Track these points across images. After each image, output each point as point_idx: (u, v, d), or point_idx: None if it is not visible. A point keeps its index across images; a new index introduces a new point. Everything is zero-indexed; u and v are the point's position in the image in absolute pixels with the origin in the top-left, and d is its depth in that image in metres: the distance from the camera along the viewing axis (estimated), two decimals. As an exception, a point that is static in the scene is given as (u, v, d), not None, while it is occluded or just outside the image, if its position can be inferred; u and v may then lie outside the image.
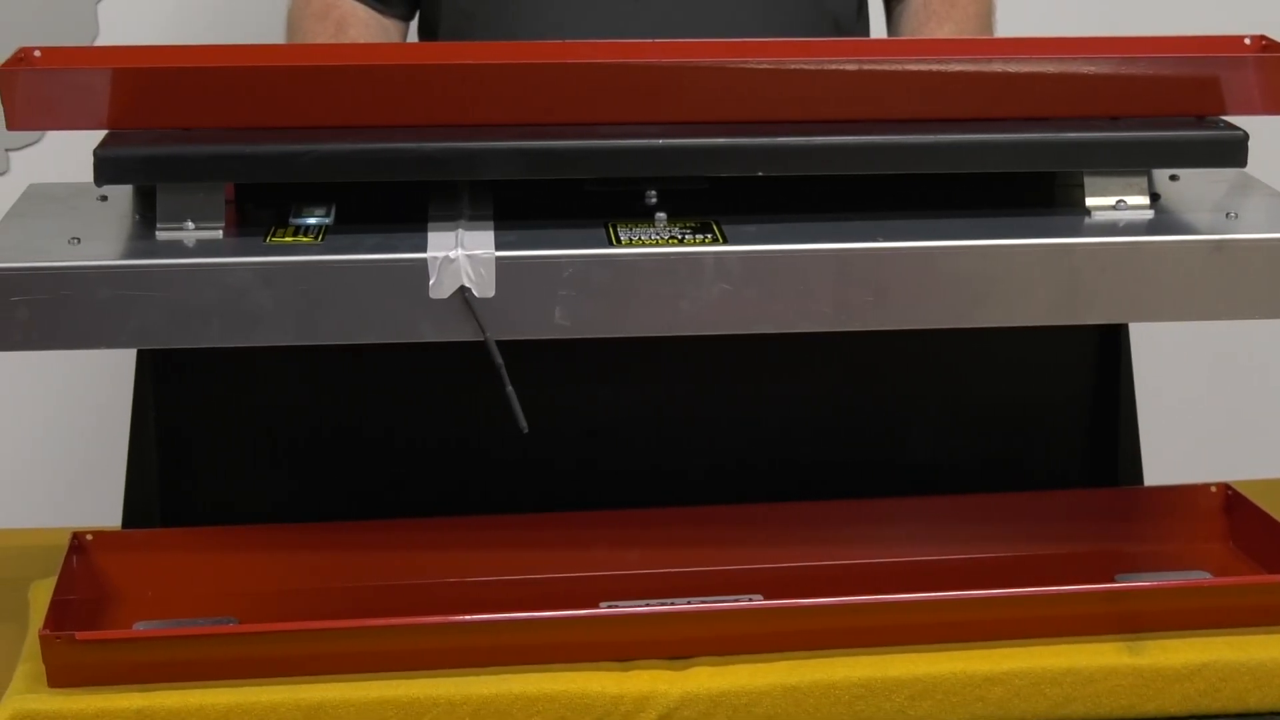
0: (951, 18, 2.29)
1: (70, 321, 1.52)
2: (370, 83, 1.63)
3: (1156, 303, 1.63)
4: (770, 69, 1.65)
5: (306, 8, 2.28)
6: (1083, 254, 1.60)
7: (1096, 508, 1.84)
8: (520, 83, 1.64)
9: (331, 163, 1.59)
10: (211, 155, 1.59)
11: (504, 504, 1.79)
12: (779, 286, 1.58)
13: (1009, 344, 1.81)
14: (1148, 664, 1.61)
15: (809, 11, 2.24)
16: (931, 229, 1.62)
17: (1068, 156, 1.67)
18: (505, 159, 1.61)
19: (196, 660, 1.56)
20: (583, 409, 1.81)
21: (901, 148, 1.64)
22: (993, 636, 1.63)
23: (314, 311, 1.54)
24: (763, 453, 1.84)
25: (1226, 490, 1.85)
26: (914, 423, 1.86)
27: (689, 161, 1.63)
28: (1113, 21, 2.82)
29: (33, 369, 2.80)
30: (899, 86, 1.66)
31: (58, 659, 1.55)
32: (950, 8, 2.29)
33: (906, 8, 2.31)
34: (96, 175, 1.58)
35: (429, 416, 1.80)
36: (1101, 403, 1.88)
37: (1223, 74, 1.68)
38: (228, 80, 1.62)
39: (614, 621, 1.63)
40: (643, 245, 1.58)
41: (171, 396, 1.79)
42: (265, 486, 1.82)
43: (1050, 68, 1.67)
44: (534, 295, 1.56)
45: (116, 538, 1.76)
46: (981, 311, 1.61)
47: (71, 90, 1.61)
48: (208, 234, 1.59)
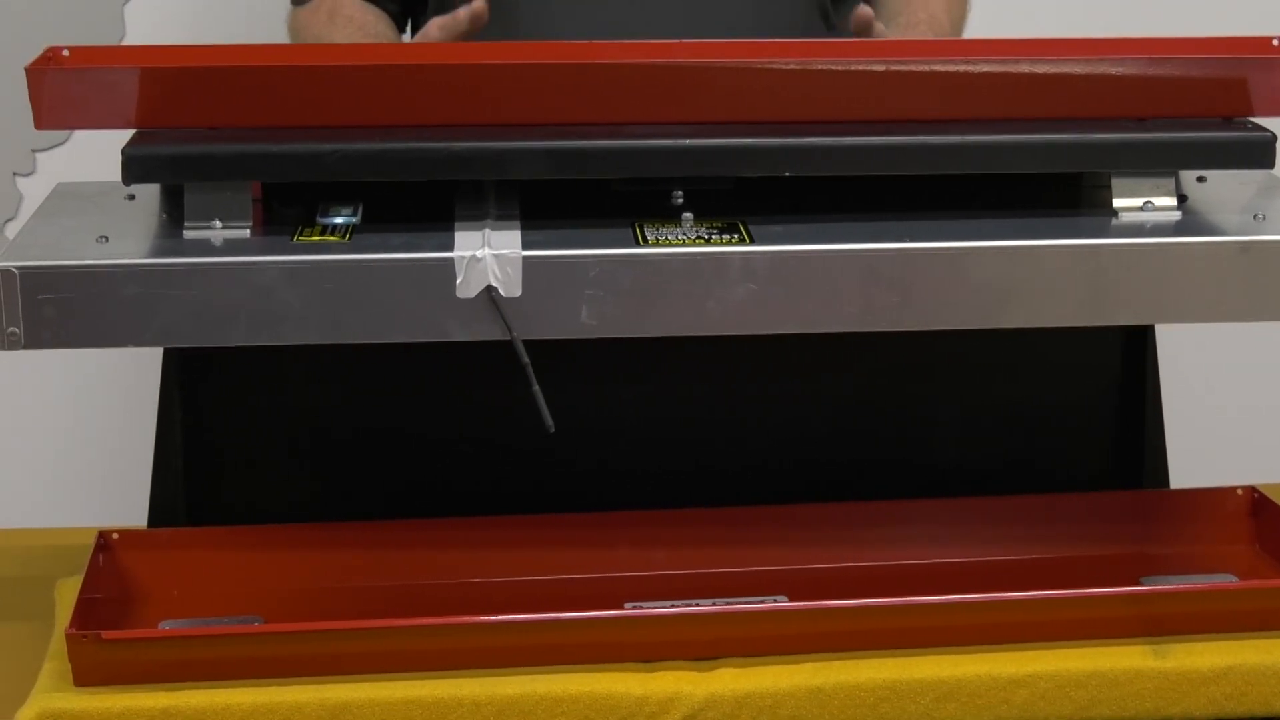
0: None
1: (97, 320, 1.53)
2: (397, 82, 1.63)
3: (1183, 304, 1.63)
4: (797, 69, 1.65)
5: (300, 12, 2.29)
6: (1109, 255, 1.60)
7: (1122, 510, 1.84)
8: (547, 83, 1.64)
9: (359, 162, 1.59)
10: (239, 154, 1.60)
11: (530, 503, 1.79)
12: (805, 287, 1.58)
13: (1035, 345, 1.81)
14: (1173, 667, 1.61)
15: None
16: (958, 230, 1.62)
17: (1095, 157, 1.67)
18: (532, 159, 1.61)
19: (222, 659, 1.57)
20: (608, 409, 1.81)
21: (928, 148, 1.64)
22: (1018, 639, 1.63)
23: (341, 311, 1.54)
24: (788, 453, 1.84)
25: (1253, 493, 1.85)
26: (939, 424, 1.86)
27: (716, 161, 1.63)
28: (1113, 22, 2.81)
29: (60, 367, 2.81)
30: (926, 87, 1.66)
31: (83, 658, 1.56)
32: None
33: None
34: (124, 174, 1.59)
35: (455, 416, 1.81)
36: (1127, 404, 1.88)
37: (1251, 75, 1.67)
38: (255, 79, 1.62)
39: (639, 622, 1.63)
40: (669, 245, 1.58)
41: (198, 395, 1.79)
42: (290, 485, 1.82)
43: (1077, 68, 1.67)
44: (561, 295, 1.56)
45: (142, 536, 1.76)
46: (1008, 313, 1.60)
47: (99, 90, 1.61)
48: (235, 233, 1.60)
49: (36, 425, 2.88)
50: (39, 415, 2.87)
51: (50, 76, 1.60)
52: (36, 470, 2.89)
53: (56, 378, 2.84)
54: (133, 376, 2.76)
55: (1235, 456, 2.98)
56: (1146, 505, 1.85)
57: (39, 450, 2.89)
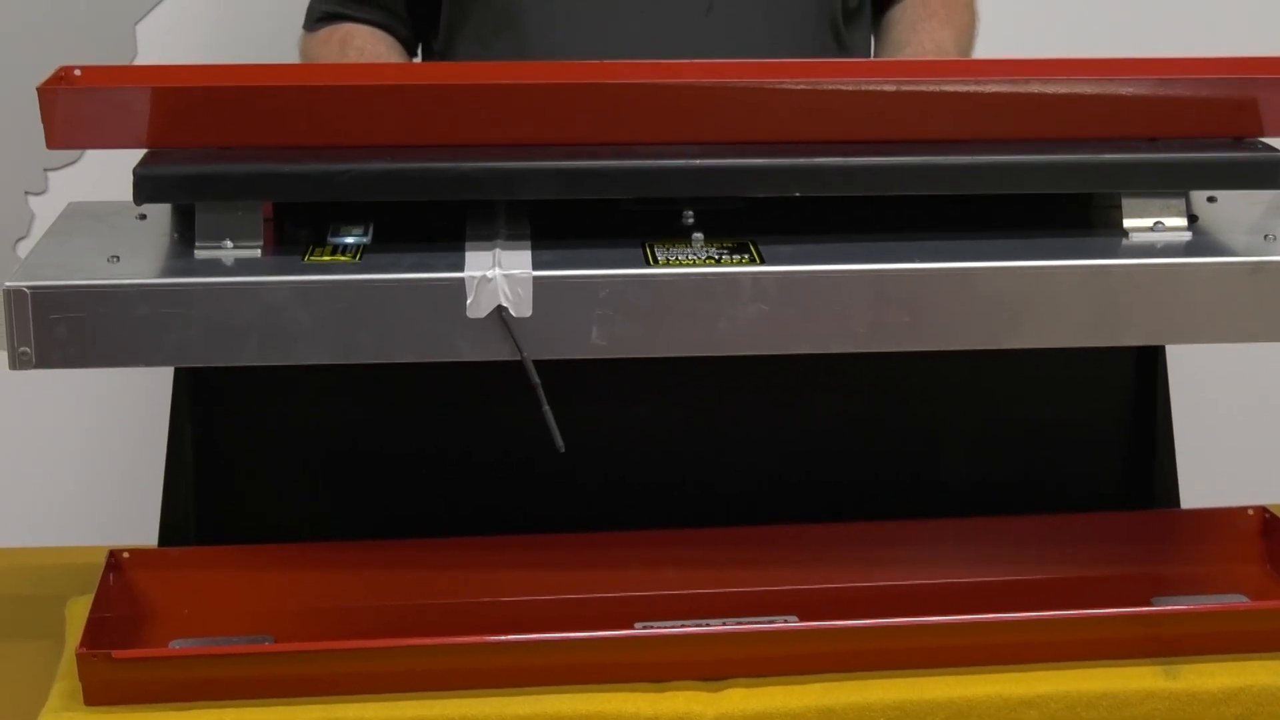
0: (951, 22, 2.28)
1: (109, 340, 1.53)
2: (408, 102, 1.64)
3: (1194, 325, 1.62)
4: (808, 89, 1.65)
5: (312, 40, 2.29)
6: (1120, 275, 1.60)
7: (1133, 530, 1.84)
8: (558, 103, 1.64)
9: (370, 182, 1.59)
10: (250, 174, 1.60)
11: (540, 523, 1.79)
12: (815, 307, 1.58)
13: (1045, 365, 1.81)
14: (1184, 688, 1.60)
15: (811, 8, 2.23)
16: (968, 250, 1.62)
17: (1105, 178, 1.67)
18: (543, 179, 1.61)
19: (232, 679, 1.57)
20: (619, 429, 1.81)
21: (939, 169, 1.64)
22: (1029, 659, 1.62)
23: (351, 330, 1.54)
24: (798, 473, 1.84)
25: (1264, 513, 1.85)
26: (949, 443, 1.86)
27: (726, 182, 1.63)
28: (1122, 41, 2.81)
29: (71, 387, 2.81)
30: (937, 107, 1.66)
31: (94, 677, 1.56)
32: (950, 11, 2.28)
33: (904, 4, 2.30)
34: (136, 194, 1.59)
35: (465, 435, 1.81)
36: (1138, 425, 1.88)
37: (1261, 95, 1.67)
38: (266, 99, 1.63)
39: (649, 642, 1.63)
40: (680, 265, 1.58)
41: (208, 415, 1.79)
42: (301, 505, 1.82)
43: (1088, 89, 1.67)
44: (571, 315, 1.56)
45: (153, 556, 1.76)
46: (1018, 333, 1.60)
47: (111, 109, 1.61)
48: (246, 253, 1.60)
49: (48, 444, 2.88)
50: (50, 435, 2.88)
51: (62, 96, 1.61)
52: (47, 489, 2.89)
53: (68, 397, 2.84)
54: (144, 396, 2.76)
55: (1246, 477, 2.98)
56: (1157, 525, 1.85)
57: (50, 469, 2.89)
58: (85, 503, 2.88)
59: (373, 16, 2.27)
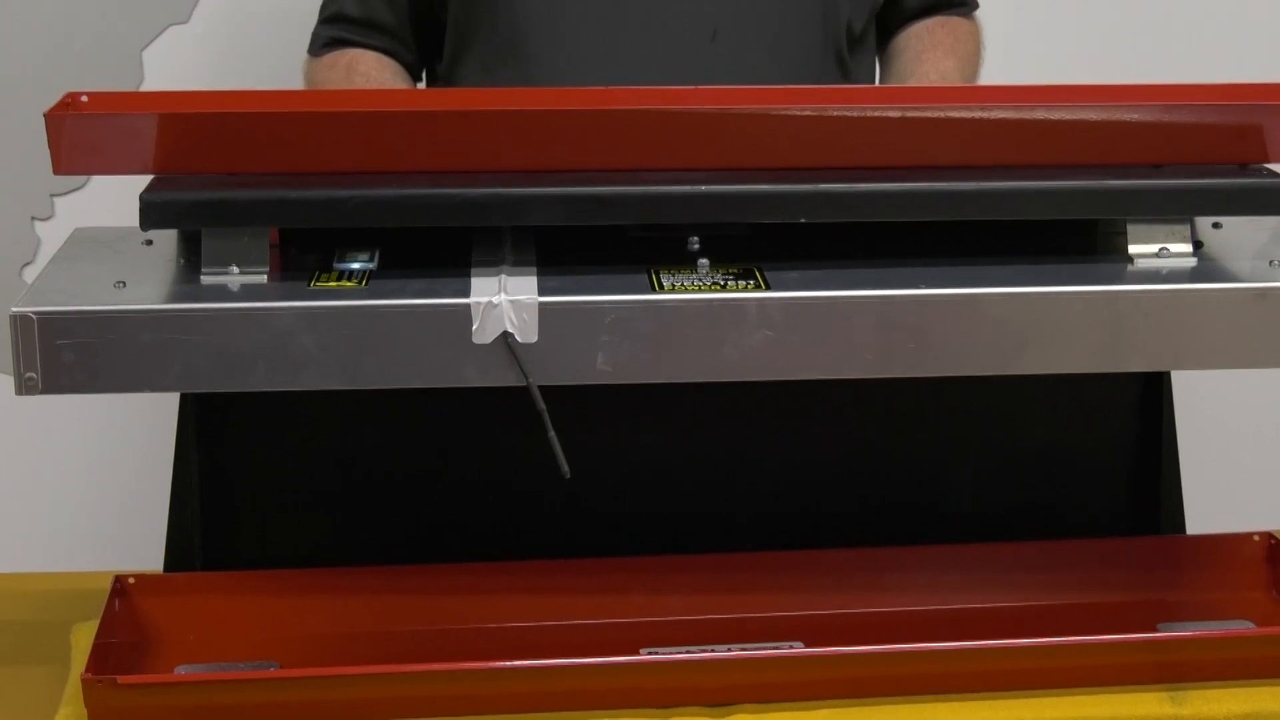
0: (955, 52, 2.28)
1: (115, 365, 1.53)
2: (414, 128, 1.64)
3: (1199, 350, 1.62)
4: (813, 115, 1.65)
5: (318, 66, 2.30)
6: (1126, 301, 1.60)
7: (1138, 556, 1.83)
8: (564, 129, 1.64)
9: (376, 208, 1.60)
10: (256, 200, 1.60)
11: (546, 549, 1.79)
12: (821, 333, 1.58)
13: (1051, 390, 1.81)
14: (1190, 714, 1.60)
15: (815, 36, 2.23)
16: (974, 276, 1.62)
17: (1111, 204, 1.67)
18: (549, 205, 1.61)
19: (238, 704, 1.57)
20: (624, 454, 1.81)
21: (944, 194, 1.64)
22: (1035, 685, 1.62)
23: (357, 356, 1.55)
24: (804, 498, 1.84)
25: (1270, 539, 1.85)
26: (955, 469, 1.86)
27: (731, 208, 1.63)
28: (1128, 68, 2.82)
29: (77, 412, 2.81)
30: (942, 133, 1.66)
31: (100, 702, 1.56)
32: (955, 41, 2.29)
33: (909, 34, 2.31)
34: (142, 220, 1.59)
35: (471, 461, 1.81)
36: (1144, 450, 1.88)
37: (1266, 122, 1.68)
38: (273, 125, 1.63)
39: (655, 668, 1.63)
40: (685, 291, 1.58)
41: (214, 440, 1.79)
42: (307, 530, 1.82)
43: (1093, 115, 1.67)
44: (577, 341, 1.56)
45: (158, 581, 1.76)
46: (1024, 359, 1.60)
47: (117, 135, 1.62)
48: (252, 278, 1.60)
49: (54, 470, 2.88)
50: (56, 460, 2.88)
51: (69, 122, 1.61)
52: (53, 514, 2.89)
53: (74, 423, 2.85)
54: (149, 421, 2.76)
55: (1252, 502, 2.98)
56: (1163, 551, 1.85)
57: (56, 494, 2.89)
58: (91, 528, 2.88)
59: (378, 42, 2.27)
